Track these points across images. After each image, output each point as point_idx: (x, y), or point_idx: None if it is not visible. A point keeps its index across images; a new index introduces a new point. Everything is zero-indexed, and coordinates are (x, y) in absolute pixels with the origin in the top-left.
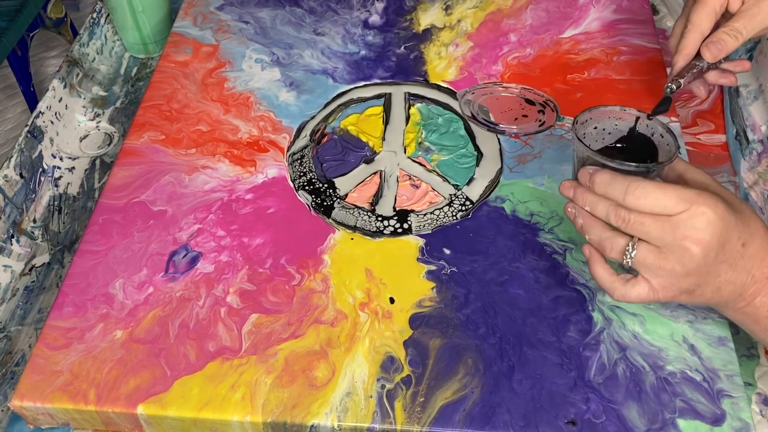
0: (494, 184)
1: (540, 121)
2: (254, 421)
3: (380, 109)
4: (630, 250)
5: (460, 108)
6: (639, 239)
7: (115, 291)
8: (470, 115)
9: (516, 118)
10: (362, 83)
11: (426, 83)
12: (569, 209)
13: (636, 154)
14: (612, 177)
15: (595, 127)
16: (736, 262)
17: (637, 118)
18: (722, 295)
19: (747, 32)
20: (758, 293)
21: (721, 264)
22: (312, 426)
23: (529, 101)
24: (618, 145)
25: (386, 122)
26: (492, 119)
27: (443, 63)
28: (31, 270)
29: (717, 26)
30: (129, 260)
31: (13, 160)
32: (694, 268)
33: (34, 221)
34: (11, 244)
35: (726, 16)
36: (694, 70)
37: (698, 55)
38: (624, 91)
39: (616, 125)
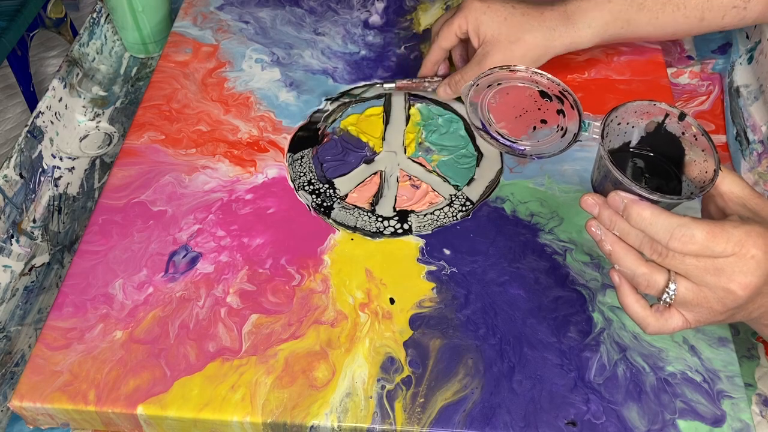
0: (494, 184)
1: (561, 128)
2: (254, 421)
3: (380, 109)
4: (670, 291)
5: (467, 115)
6: (676, 273)
7: (115, 291)
8: (481, 125)
9: (534, 127)
10: (362, 83)
11: None
12: (593, 229)
13: (660, 152)
14: (653, 215)
15: (619, 124)
16: None
17: (667, 114)
18: (751, 316)
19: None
20: None
21: (759, 296)
22: (312, 426)
23: (543, 94)
24: (630, 146)
25: (386, 122)
26: (505, 132)
27: None
28: (30, 270)
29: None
30: (129, 260)
31: (12, 160)
32: (735, 307)
33: (34, 221)
34: (11, 244)
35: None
36: (426, 82)
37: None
38: (624, 91)
39: (642, 118)
